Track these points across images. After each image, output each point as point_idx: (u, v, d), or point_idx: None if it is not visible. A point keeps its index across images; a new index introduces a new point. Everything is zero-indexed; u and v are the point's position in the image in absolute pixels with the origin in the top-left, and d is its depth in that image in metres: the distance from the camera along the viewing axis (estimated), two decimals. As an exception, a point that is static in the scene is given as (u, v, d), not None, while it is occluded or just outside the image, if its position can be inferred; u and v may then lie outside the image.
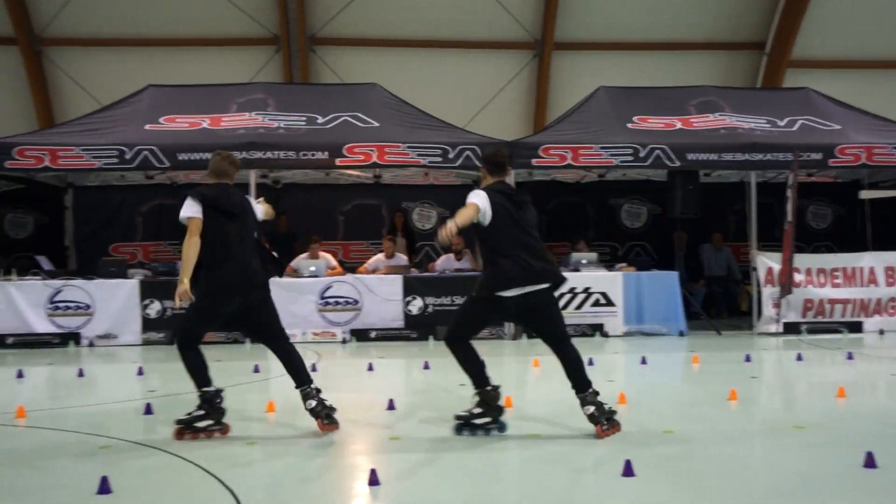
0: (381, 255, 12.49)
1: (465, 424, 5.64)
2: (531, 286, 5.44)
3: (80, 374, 8.67)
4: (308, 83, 17.05)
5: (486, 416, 5.63)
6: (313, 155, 11.52)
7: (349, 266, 13.08)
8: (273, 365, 9.49)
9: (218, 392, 5.68)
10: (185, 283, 5.42)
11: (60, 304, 11.11)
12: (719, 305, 13.78)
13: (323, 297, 11.43)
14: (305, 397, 5.77)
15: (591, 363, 8.66)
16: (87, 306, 11.12)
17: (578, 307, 11.48)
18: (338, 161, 11.57)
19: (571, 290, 11.40)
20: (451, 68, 18.18)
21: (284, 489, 4.52)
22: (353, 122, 12.22)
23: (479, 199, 5.45)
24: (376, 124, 12.13)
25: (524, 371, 8.96)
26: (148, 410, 6.45)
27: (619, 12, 17.89)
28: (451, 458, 5.08)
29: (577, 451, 5.13)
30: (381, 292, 11.48)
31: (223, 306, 5.60)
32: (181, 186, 14.09)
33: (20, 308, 11.04)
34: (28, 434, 5.91)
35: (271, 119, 12.16)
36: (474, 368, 5.67)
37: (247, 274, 5.61)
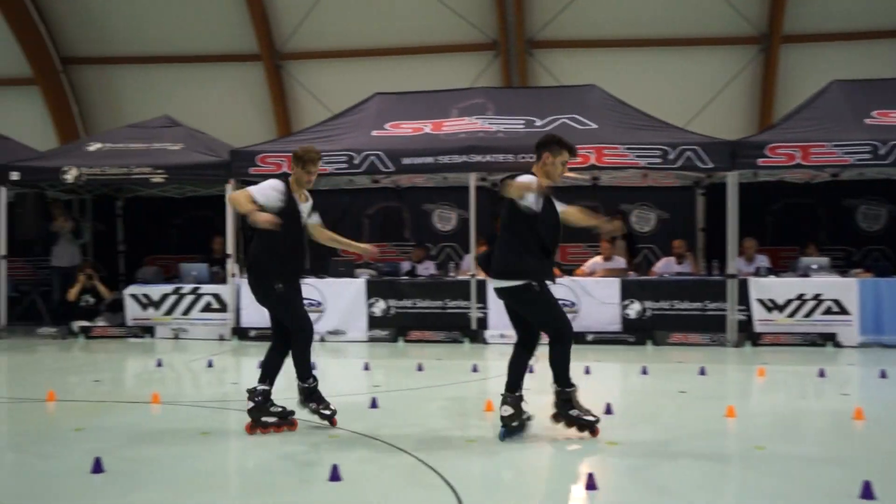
0: (598, 258, 12.40)
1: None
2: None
3: (313, 367, 9.25)
4: (526, 86, 17.22)
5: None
6: (531, 158, 11.60)
7: (566, 268, 13.06)
8: (491, 365, 9.70)
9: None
10: None
11: (295, 301, 11.90)
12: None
13: (539, 299, 11.50)
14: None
15: (821, 374, 8.19)
16: (319, 303, 11.84)
17: (808, 315, 10.82)
18: (555, 163, 11.59)
19: (800, 297, 10.79)
20: (671, 66, 17.71)
21: (501, 487, 4.62)
22: (572, 124, 12.19)
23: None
24: (594, 126, 12.06)
25: (747, 381, 8.59)
26: (373, 404, 6.77)
27: (853, -2, 16.71)
28: (671, 467, 4.97)
29: (810, 469, 4.86)
30: (598, 295, 11.39)
31: None
32: (405, 190, 14.68)
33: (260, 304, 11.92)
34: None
35: (490, 123, 12.40)
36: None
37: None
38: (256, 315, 11.87)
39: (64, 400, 7.13)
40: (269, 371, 5.96)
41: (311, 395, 5.99)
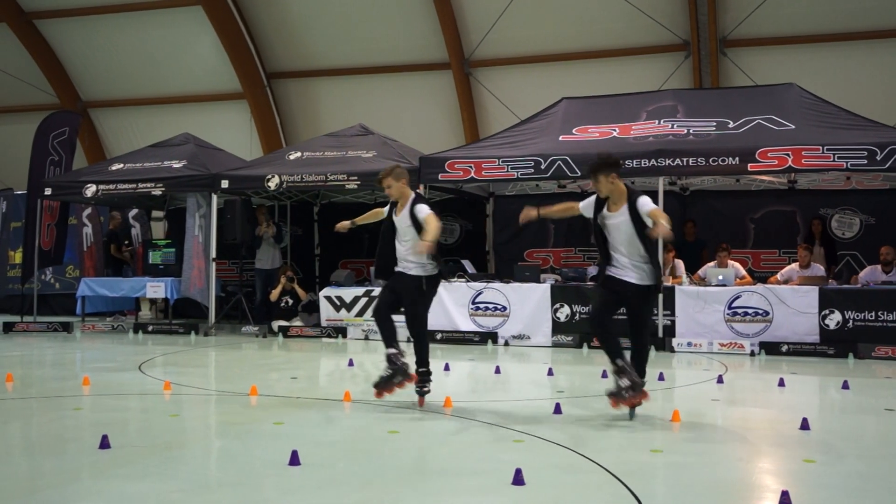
0: (794, 265, 11.79)
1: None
2: None
3: (497, 370, 9.36)
4: (719, 87, 16.62)
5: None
6: (723, 161, 11.22)
7: (759, 275, 12.52)
8: (679, 374, 9.44)
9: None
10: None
11: (481, 305, 12.10)
12: None
13: (731, 307, 11.08)
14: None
15: None
16: (504, 308, 11.96)
17: None
18: (749, 166, 11.15)
19: None
20: (878, 60, 16.54)
21: (688, 500, 4.48)
22: (767, 125, 11.68)
23: None
24: (792, 126, 11.48)
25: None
26: (557, 410, 6.76)
27: None
28: (872, 490, 4.65)
29: None
30: (795, 304, 10.83)
31: None
32: (591, 195, 14.52)
33: (448, 307, 12.21)
34: (452, 422, 6.53)
35: (680, 126, 12.08)
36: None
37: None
38: (443, 318, 12.16)
39: (265, 395, 7.60)
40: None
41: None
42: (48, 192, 14.76)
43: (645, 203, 6.34)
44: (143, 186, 14.03)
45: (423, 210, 6.89)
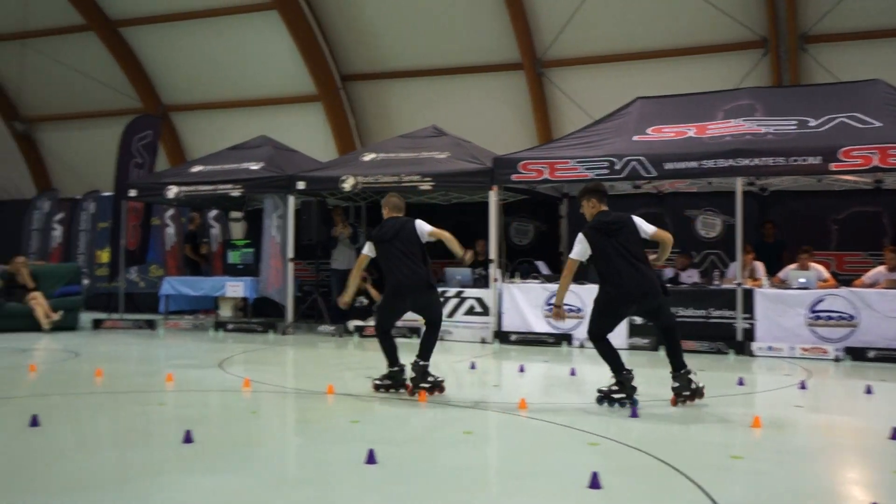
0: (881, 268, 11.43)
1: (604, 397, 7.01)
2: None
3: (573, 373, 9.30)
4: (799, 84, 16.20)
5: (622, 392, 6.97)
6: (804, 160, 10.94)
7: (843, 278, 12.18)
8: (759, 378, 9.25)
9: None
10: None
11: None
12: None
13: (814, 311, 10.80)
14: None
15: None
16: (579, 309, 11.87)
17: None
18: (832, 166, 10.85)
19: None
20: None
21: (769, 508, 4.40)
22: (851, 123, 11.33)
23: None
24: (878, 124, 11.12)
25: None
26: (633, 413, 6.69)
27: None
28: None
29: None
30: (883, 308, 10.50)
31: None
32: (667, 195, 14.36)
33: (522, 308, 12.19)
34: (528, 424, 6.52)
35: (759, 124, 11.81)
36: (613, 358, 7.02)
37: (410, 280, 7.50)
38: (517, 319, 12.16)
39: (341, 393, 7.70)
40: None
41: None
42: (133, 193, 15.23)
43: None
44: (222, 188, 14.36)
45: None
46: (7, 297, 14.15)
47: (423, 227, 7.63)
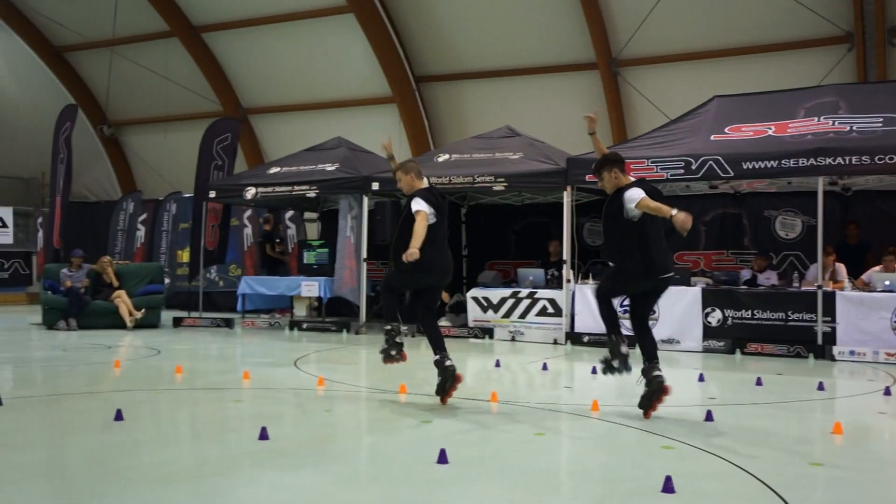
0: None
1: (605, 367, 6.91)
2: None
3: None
4: (886, 81, 15.67)
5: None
6: (890, 159, 10.58)
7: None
8: (840, 384, 8.99)
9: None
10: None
11: (629, 308, 11.87)
12: None
13: (899, 315, 10.45)
14: None
15: None
16: (652, 311, 11.69)
17: None
18: (921, 165, 10.48)
19: None
20: None
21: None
22: (941, 119, 10.93)
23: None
24: (971, 121, 10.70)
25: None
26: (708, 417, 6.58)
27: None
28: None
29: None
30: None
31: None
32: (745, 195, 14.06)
33: (595, 310, 12.03)
34: (600, 426, 6.47)
35: (842, 122, 11.47)
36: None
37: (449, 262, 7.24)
38: (591, 321, 12.06)
39: (413, 393, 7.76)
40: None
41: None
42: (212, 194, 15.61)
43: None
44: (298, 189, 14.60)
45: (416, 204, 6.92)
46: (94, 295, 14.68)
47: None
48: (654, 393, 6.54)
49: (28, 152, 24.52)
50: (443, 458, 5.03)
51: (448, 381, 7.02)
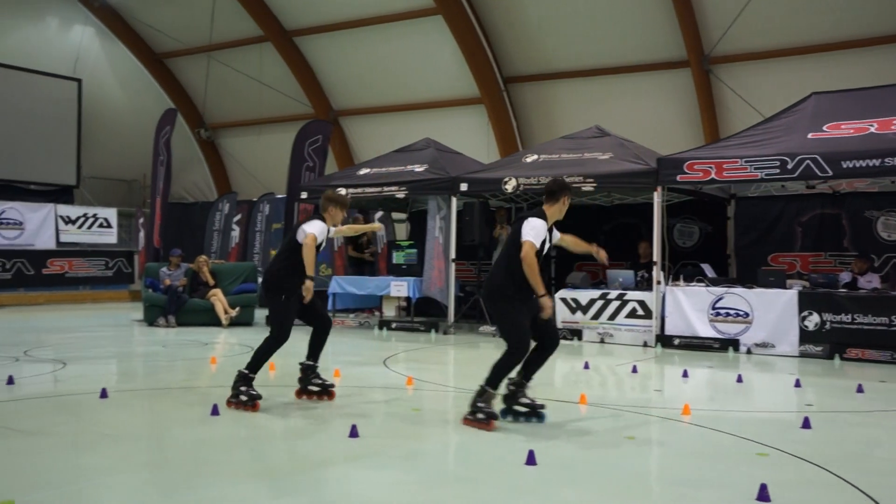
0: None
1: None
2: None
3: (739, 379, 8.97)
4: None
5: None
6: None
7: None
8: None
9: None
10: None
11: (721, 311, 11.65)
12: None
13: None
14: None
15: None
16: (746, 314, 11.44)
17: None
18: None
19: None
20: None
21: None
22: None
23: None
24: None
25: None
26: (805, 424, 6.39)
27: None
28: None
29: None
30: None
31: None
32: (844, 195, 13.59)
33: (686, 312, 11.87)
34: (691, 431, 6.36)
35: (951, 119, 10.97)
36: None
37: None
38: (681, 323, 11.86)
39: (502, 394, 7.75)
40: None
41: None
42: (304, 195, 15.92)
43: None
44: (387, 190, 14.77)
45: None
46: (191, 293, 15.17)
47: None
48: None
49: (130, 155, 25.51)
50: (531, 460, 5.03)
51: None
